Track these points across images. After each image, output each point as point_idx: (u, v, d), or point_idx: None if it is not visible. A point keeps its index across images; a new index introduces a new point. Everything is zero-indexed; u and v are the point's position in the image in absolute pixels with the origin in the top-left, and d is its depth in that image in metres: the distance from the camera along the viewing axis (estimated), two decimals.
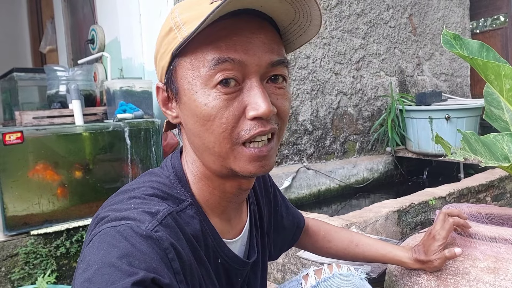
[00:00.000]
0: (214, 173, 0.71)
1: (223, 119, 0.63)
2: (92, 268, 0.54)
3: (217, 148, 0.65)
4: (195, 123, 0.65)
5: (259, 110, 0.62)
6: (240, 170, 0.66)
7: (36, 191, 1.86)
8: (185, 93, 0.66)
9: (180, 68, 0.66)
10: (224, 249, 0.75)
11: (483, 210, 1.31)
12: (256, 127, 0.63)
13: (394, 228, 1.93)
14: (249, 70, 0.63)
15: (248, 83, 0.64)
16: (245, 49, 0.63)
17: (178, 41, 0.65)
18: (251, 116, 0.63)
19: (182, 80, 0.66)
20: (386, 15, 3.52)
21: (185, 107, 0.67)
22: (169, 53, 0.66)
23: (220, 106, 0.62)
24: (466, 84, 4.39)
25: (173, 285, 0.58)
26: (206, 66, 0.62)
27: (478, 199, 2.40)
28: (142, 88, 2.38)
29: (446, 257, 1.01)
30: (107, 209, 0.66)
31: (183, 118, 0.69)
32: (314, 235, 1.13)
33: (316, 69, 3.04)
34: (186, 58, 0.65)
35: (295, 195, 2.79)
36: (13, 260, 1.80)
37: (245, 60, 0.62)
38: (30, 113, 2.21)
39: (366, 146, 3.44)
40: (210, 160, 0.68)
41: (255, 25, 0.65)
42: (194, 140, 0.68)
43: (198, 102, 0.63)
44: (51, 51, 4.45)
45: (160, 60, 0.70)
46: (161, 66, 0.70)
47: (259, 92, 0.63)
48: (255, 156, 0.65)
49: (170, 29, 0.67)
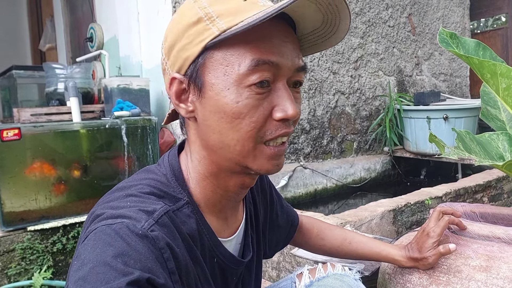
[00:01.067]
0: (222, 170, 0.70)
1: (254, 118, 0.63)
2: (86, 266, 0.54)
3: (239, 146, 0.65)
4: (219, 119, 0.64)
5: (288, 112, 0.64)
6: (258, 168, 0.67)
7: (33, 187, 1.87)
8: (212, 88, 0.64)
9: (210, 61, 0.64)
10: (220, 248, 0.75)
11: (478, 209, 1.32)
12: (282, 128, 0.65)
13: (389, 227, 1.93)
14: (281, 73, 0.64)
15: (277, 85, 0.65)
16: (280, 52, 0.64)
17: (213, 33, 0.62)
18: (280, 117, 0.64)
19: (210, 74, 0.64)
20: (385, 15, 3.52)
21: (208, 102, 0.65)
22: (199, 44, 0.64)
23: (253, 105, 0.63)
24: (465, 84, 4.39)
25: (168, 285, 0.57)
26: (244, 65, 0.62)
27: (475, 199, 2.40)
28: (139, 86, 2.38)
29: (440, 253, 1.01)
30: (103, 206, 0.65)
31: (203, 113, 0.67)
32: (308, 232, 1.13)
33: (314, 68, 3.04)
34: (219, 53, 0.63)
35: (292, 194, 2.79)
36: (9, 256, 1.80)
37: (280, 63, 0.63)
38: (28, 110, 2.22)
39: (364, 146, 3.44)
40: (225, 157, 0.67)
41: (286, 29, 0.66)
42: (211, 137, 0.67)
43: (229, 99, 0.63)
44: (50, 49, 4.46)
45: (183, 50, 0.66)
46: (184, 57, 0.66)
47: (287, 95, 0.65)
48: (274, 155, 0.67)
49: (199, 19, 0.64)
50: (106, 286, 0.51)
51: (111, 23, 3.07)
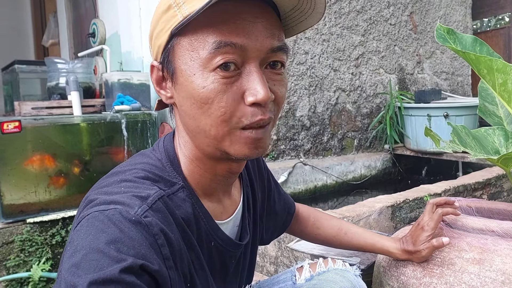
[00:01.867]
0: (206, 155, 0.70)
1: (222, 103, 0.62)
2: (79, 253, 0.54)
3: (214, 131, 0.64)
4: (191, 105, 0.64)
5: (258, 96, 0.62)
6: (235, 153, 0.66)
7: (33, 180, 1.89)
8: (182, 74, 0.64)
9: (178, 47, 0.64)
10: (218, 232, 0.75)
11: (473, 204, 1.32)
12: (257, 114, 0.63)
13: (387, 223, 1.93)
14: (249, 55, 0.62)
15: (247, 67, 0.63)
16: (247, 33, 0.62)
17: (178, 19, 0.63)
18: (250, 102, 0.62)
19: (179, 61, 0.64)
20: (386, 13, 3.52)
21: (181, 88, 0.65)
22: (168, 31, 0.64)
23: (219, 89, 0.61)
24: (467, 83, 4.38)
25: (162, 271, 0.57)
26: (207, 48, 0.61)
27: (474, 197, 2.40)
28: (140, 81, 2.39)
29: (434, 247, 1.01)
30: (97, 191, 0.65)
31: (178, 99, 0.67)
32: (304, 221, 1.13)
33: (315, 65, 3.05)
34: (186, 38, 0.63)
35: (291, 190, 2.80)
36: (8, 247, 1.82)
37: (247, 45, 0.61)
38: (29, 104, 2.23)
39: (364, 143, 3.44)
40: (204, 142, 0.67)
41: (257, 9, 0.63)
42: (188, 122, 0.67)
43: (196, 84, 0.62)
44: (53, 44, 4.48)
45: (157, 38, 0.68)
46: (158, 44, 0.68)
47: (258, 78, 0.62)
48: (252, 139, 0.65)
49: (169, 7, 0.64)
50: (99, 273, 0.51)
51: (113, 19, 3.08)
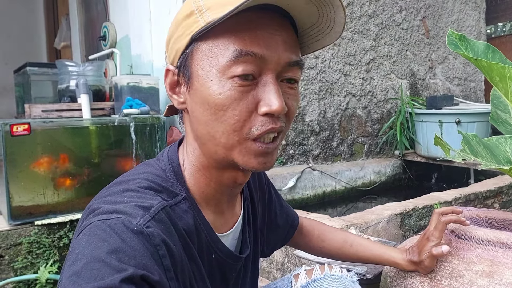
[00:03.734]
0: (213, 163, 0.70)
1: (236, 111, 0.62)
2: (80, 262, 0.54)
3: (224, 139, 0.64)
4: (204, 111, 0.64)
5: (272, 106, 0.62)
6: (243, 164, 0.66)
7: (41, 182, 1.90)
8: (198, 79, 0.65)
9: (197, 53, 0.65)
10: (218, 244, 0.75)
11: (484, 214, 1.29)
12: (268, 123, 0.64)
13: (396, 231, 1.91)
14: (267, 66, 0.63)
15: (264, 78, 0.64)
16: (267, 44, 0.63)
17: (200, 25, 0.63)
18: (264, 112, 0.63)
19: (197, 66, 0.65)
20: (398, 17, 3.49)
21: (195, 94, 0.66)
22: (188, 36, 0.65)
23: (235, 97, 0.62)
24: (480, 89, 4.32)
25: (163, 282, 0.57)
26: (227, 56, 0.62)
27: (485, 205, 2.36)
28: (149, 84, 2.40)
29: (433, 255, 0.99)
30: (100, 200, 0.65)
31: (191, 105, 0.67)
32: (308, 234, 1.12)
33: (325, 69, 3.03)
34: (206, 44, 0.64)
35: (299, 196, 2.78)
36: (16, 249, 1.83)
37: (266, 56, 0.62)
38: (39, 106, 2.25)
39: (375, 149, 3.41)
40: (212, 150, 0.67)
41: (278, 22, 0.65)
42: (199, 128, 0.67)
43: (212, 90, 0.63)
44: (65, 47, 4.52)
45: (175, 42, 0.68)
46: (176, 48, 0.68)
47: (274, 89, 0.63)
48: (261, 152, 0.65)
49: (191, 13, 0.65)
50: (99, 283, 0.51)
51: (124, 22, 3.10)
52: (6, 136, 1.79)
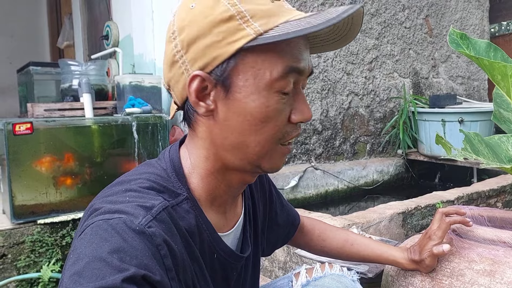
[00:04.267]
0: (231, 167, 0.71)
1: (278, 122, 0.65)
2: (82, 261, 0.54)
3: (259, 147, 0.66)
4: (243, 121, 0.64)
5: (305, 115, 0.67)
6: (271, 166, 0.70)
7: (44, 181, 1.90)
8: (240, 90, 0.64)
9: (242, 63, 0.63)
10: (220, 244, 0.75)
11: (486, 213, 1.28)
12: (296, 130, 0.69)
13: (398, 230, 1.90)
14: (301, 78, 0.67)
15: (296, 89, 0.67)
16: (304, 59, 0.66)
17: (248, 34, 0.61)
18: (298, 121, 0.67)
19: (239, 76, 0.63)
20: (401, 16, 3.48)
21: (234, 104, 0.65)
22: (232, 44, 0.62)
23: (280, 110, 0.65)
24: (483, 87, 4.31)
25: (164, 282, 0.57)
26: (276, 70, 0.63)
27: (488, 204, 2.35)
28: (151, 84, 2.40)
29: (434, 254, 0.99)
30: (102, 200, 0.65)
31: (225, 114, 0.66)
32: (309, 233, 1.12)
33: (327, 68, 3.02)
34: (251, 55, 0.63)
35: (302, 195, 2.78)
36: (19, 248, 1.83)
37: (304, 69, 0.66)
38: (41, 105, 2.26)
39: (377, 148, 3.40)
40: (239, 157, 0.68)
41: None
42: (229, 137, 0.67)
43: (259, 103, 0.63)
44: (68, 46, 4.54)
45: (211, 48, 0.63)
46: (213, 55, 0.63)
47: (304, 98, 0.68)
48: (287, 153, 0.71)
49: (230, 17, 0.62)
50: (101, 282, 0.51)
51: (126, 22, 3.10)
52: (9, 135, 1.80)
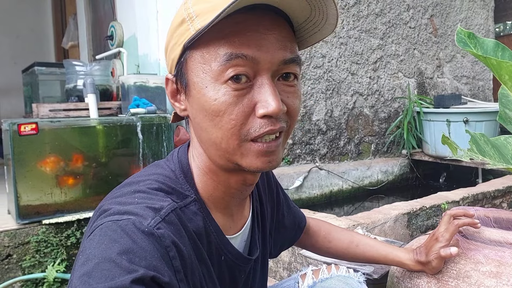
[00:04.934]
0: (219, 167, 0.70)
1: (233, 115, 0.62)
2: (91, 262, 0.54)
3: (224, 144, 0.64)
4: (203, 117, 0.64)
5: (269, 108, 0.61)
6: (247, 166, 0.65)
7: (49, 182, 1.91)
8: (194, 87, 0.65)
9: (191, 60, 0.65)
10: (228, 246, 0.75)
11: (491, 214, 1.28)
12: (266, 125, 0.63)
13: (403, 231, 1.90)
14: (261, 67, 0.62)
15: (259, 80, 0.63)
16: (258, 45, 0.62)
17: (190, 33, 0.63)
18: (261, 114, 0.62)
19: (192, 73, 0.65)
20: (406, 16, 3.47)
21: (193, 101, 0.66)
22: (181, 45, 0.65)
23: (230, 102, 0.61)
24: (488, 87, 4.29)
25: (173, 283, 0.57)
26: (218, 60, 0.61)
27: (493, 205, 2.34)
28: (155, 84, 2.41)
29: (441, 257, 0.98)
30: (111, 201, 0.65)
31: (191, 112, 0.68)
32: (315, 235, 1.12)
33: (332, 68, 3.02)
34: (198, 51, 0.64)
35: (306, 195, 2.77)
36: (24, 248, 1.84)
37: (258, 57, 0.61)
38: (46, 106, 2.26)
39: (382, 148, 3.39)
40: (216, 154, 0.67)
41: (270, 21, 0.63)
42: (201, 134, 0.67)
43: (208, 97, 0.63)
44: (73, 46, 4.55)
45: (171, 51, 0.68)
46: (172, 57, 0.68)
47: (269, 90, 0.62)
48: (263, 151, 0.64)
49: (182, 21, 0.65)
50: (110, 283, 0.51)
51: (131, 22, 3.11)
52: (14, 136, 1.80)
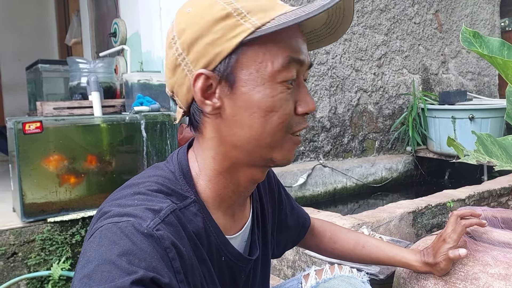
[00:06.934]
0: (240, 164, 0.71)
1: (285, 111, 0.67)
2: (91, 264, 0.55)
3: (270, 138, 0.67)
4: (251, 114, 0.65)
5: (310, 106, 0.70)
6: (283, 158, 0.70)
7: (53, 180, 1.91)
8: (245, 84, 0.65)
9: (244, 57, 0.65)
10: (228, 246, 0.75)
11: (499, 214, 1.27)
12: (304, 122, 0.71)
13: (408, 230, 1.89)
14: (302, 70, 0.69)
15: (299, 81, 0.70)
16: (303, 50, 0.69)
17: (247, 29, 0.63)
18: (303, 111, 0.69)
19: (243, 70, 0.65)
20: (410, 11, 3.44)
21: (240, 98, 0.65)
22: (232, 39, 0.64)
23: (285, 99, 0.67)
24: (494, 83, 4.26)
25: (173, 284, 0.58)
26: (278, 61, 0.65)
27: (499, 203, 2.33)
28: (159, 82, 2.40)
29: (449, 258, 0.97)
30: (111, 203, 0.66)
31: (233, 109, 0.66)
32: (320, 235, 1.11)
33: (336, 65, 3.00)
34: (252, 49, 0.64)
35: (310, 193, 2.77)
36: (29, 246, 1.85)
37: (304, 61, 0.68)
38: (51, 104, 2.26)
39: (386, 145, 3.38)
40: (250, 151, 0.68)
41: (299, 28, 0.70)
42: (239, 132, 0.67)
43: (264, 94, 0.65)
44: (76, 43, 4.54)
45: (212, 45, 0.65)
46: (215, 52, 0.65)
47: (306, 90, 0.71)
48: (298, 144, 0.72)
49: (227, 15, 0.64)
50: (110, 285, 0.52)
51: (134, 19, 3.10)
52: (19, 134, 1.80)
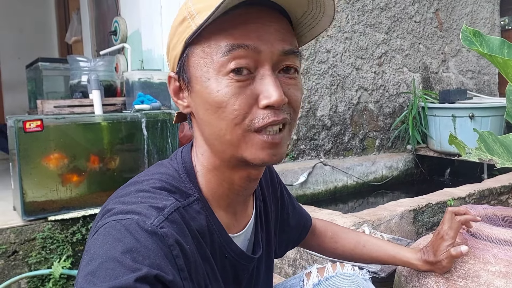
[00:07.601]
0: (224, 163, 0.70)
1: (236, 106, 0.62)
2: (96, 261, 0.55)
3: (229, 135, 0.64)
4: (206, 110, 0.65)
5: (271, 98, 0.62)
6: (252, 158, 0.66)
7: (54, 178, 1.91)
8: (197, 81, 0.66)
9: (192, 56, 0.66)
10: (231, 245, 0.75)
11: (500, 212, 1.27)
12: (269, 116, 0.63)
13: (409, 228, 1.89)
14: (261, 58, 0.63)
15: (260, 71, 0.64)
16: (258, 35, 0.63)
17: (191, 29, 0.64)
18: (264, 105, 0.63)
19: (194, 68, 0.66)
20: (411, 10, 3.44)
21: (197, 96, 0.66)
22: (182, 42, 0.66)
23: (233, 93, 0.62)
24: (494, 82, 4.26)
25: (177, 282, 0.58)
26: (220, 52, 0.62)
27: (499, 201, 2.33)
28: (160, 80, 2.40)
29: (452, 256, 0.98)
30: (115, 201, 0.66)
31: (195, 107, 0.68)
32: (321, 235, 1.11)
33: (337, 63, 3.00)
34: (199, 46, 0.65)
35: (311, 191, 2.77)
36: (30, 245, 1.85)
37: (258, 47, 0.62)
38: (51, 102, 2.26)
39: (386, 143, 3.38)
40: (220, 149, 0.68)
41: (269, 15, 0.65)
42: (205, 129, 0.68)
43: (211, 89, 0.63)
44: (76, 42, 4.54)
45: (173, 49, 0.70)
46: (174, 55, 0.70)
47: (271, 81, 0.63)
48: (268, 143, 0.65)
49: (183, 19, 0.66)
50: (114, 282, 0.52)
51: (135, 17, 3.10)
52: (19, 133, 1.80)
